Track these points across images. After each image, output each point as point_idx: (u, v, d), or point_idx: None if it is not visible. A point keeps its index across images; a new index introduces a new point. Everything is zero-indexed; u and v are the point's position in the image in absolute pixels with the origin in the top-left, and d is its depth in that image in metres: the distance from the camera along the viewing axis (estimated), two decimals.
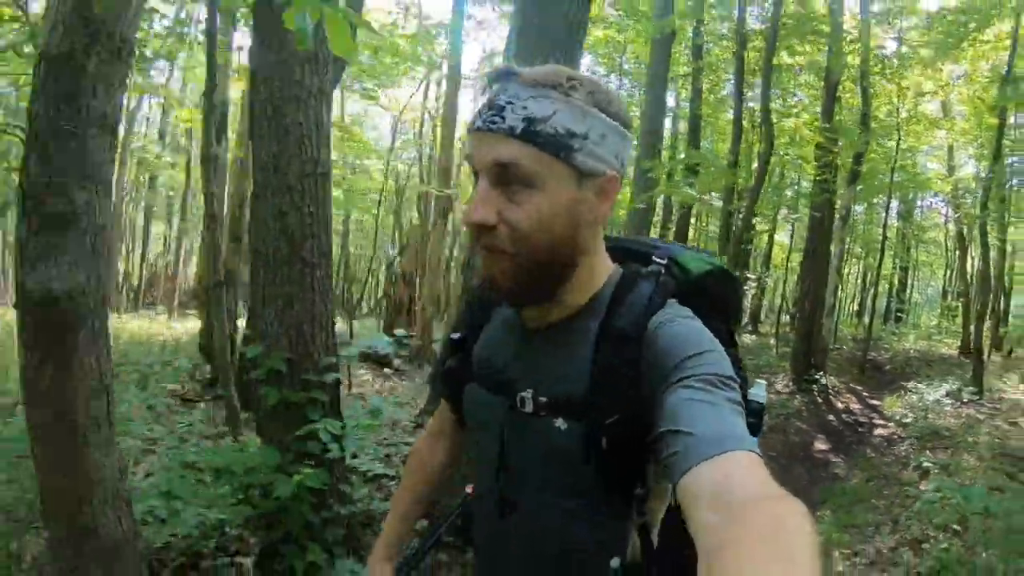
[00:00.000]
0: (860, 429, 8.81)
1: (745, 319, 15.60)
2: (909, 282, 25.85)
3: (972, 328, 12.35)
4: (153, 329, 12.39)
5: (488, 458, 1.05)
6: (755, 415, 0.95)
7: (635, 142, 7.15)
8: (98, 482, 2.18)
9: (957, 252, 17.94)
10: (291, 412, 3.09)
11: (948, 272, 23.57)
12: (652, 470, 0.90)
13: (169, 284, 18.67)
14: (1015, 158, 12.16)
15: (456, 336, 1.15)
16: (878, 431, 8.44)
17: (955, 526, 4.42)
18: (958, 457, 6.34)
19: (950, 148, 16.27)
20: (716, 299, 1.04)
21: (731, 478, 0.67)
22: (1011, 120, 12.52)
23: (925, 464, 6.14)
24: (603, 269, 1.00)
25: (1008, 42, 10.04)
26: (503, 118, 0.87)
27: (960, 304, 16.64)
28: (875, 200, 15.64)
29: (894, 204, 15.19)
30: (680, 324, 0.90)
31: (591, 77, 0.93)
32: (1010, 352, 13.60)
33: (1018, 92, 9.43)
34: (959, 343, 14.62)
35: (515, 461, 1.01)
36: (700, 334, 0.89)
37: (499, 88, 0.90)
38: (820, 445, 8.03)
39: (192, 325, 13.53)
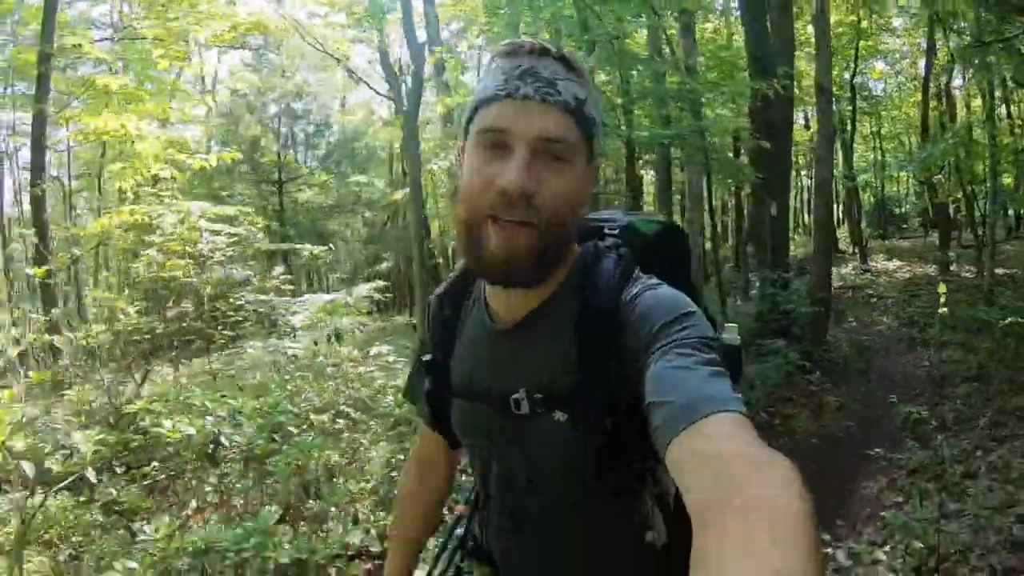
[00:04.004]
0: None
1: None
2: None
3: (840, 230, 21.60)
4: None
5: (492, 468, 1.12)
6: (732, 358, 1.00)
7: None
8: None
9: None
10: None
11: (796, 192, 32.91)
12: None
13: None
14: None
15: (429, 357, 1.20)
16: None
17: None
18: (876, 291, 14.59)
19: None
20: (672, 256, 1.16)
21: (713, 443, 0.71)
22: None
23: (868, 292, 14.32)
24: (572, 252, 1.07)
25: None
26: (558, 91, 0.94)
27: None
28: None
29: None
30: (651, 293, 0.98)
31: None
32: (867, 243, 22.55)
33: None
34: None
35: (520, 464, 1.07)
36: (673, 299, 0.96)
37: (533, 60, 0.95)
38: None
39: None
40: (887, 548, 3.58)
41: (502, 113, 0.93)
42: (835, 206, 30.18)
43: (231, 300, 6.14)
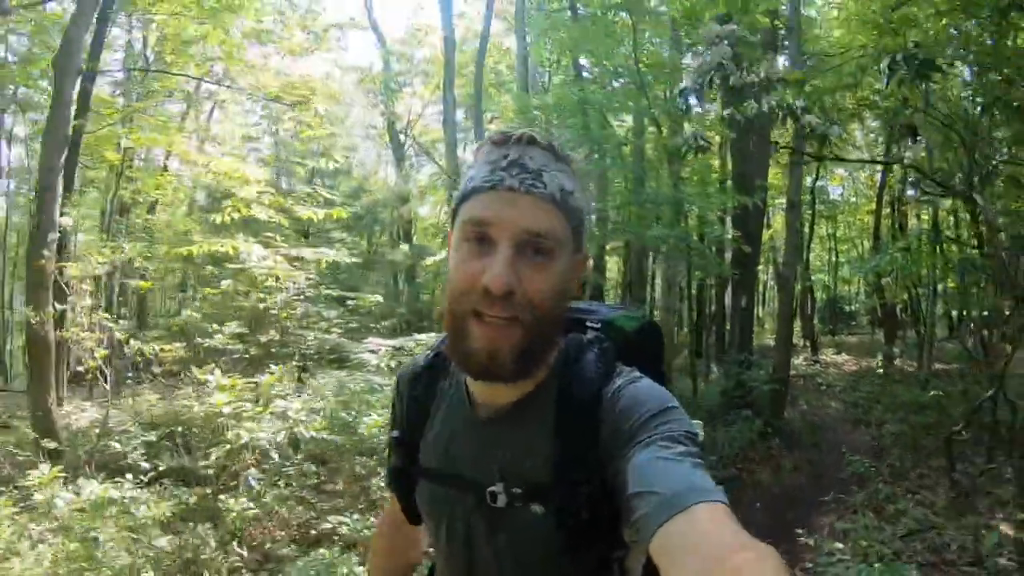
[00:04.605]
0: None
1: None
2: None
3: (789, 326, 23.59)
4: None
5: (459, 555, 1.09)
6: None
7: None
8: None
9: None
10: None
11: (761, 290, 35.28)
12: (627, 532, 0.94)
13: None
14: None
15: (397, 435, 1.18)
16: None
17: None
18: (825, 379, 16.24)
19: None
20: (650, 351, 1.17)
21: (700, 532, 0.74)
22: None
23: (818, 380, 15.96)
24: None
25: None
26: (544, 183, 0.93)
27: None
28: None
29: None
30: (634, 387, 0.99)
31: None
32: (817, 337, 24.46)
33: None
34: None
35: (491, 554, 1.05)
36: (656, 394, 0.97)
37: (520, 151, 0.95)
38: None
39: None
40: (840, 545, 4.88)
41: (487, 205, 0.94)
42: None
43: (302, 335, 7.22)
